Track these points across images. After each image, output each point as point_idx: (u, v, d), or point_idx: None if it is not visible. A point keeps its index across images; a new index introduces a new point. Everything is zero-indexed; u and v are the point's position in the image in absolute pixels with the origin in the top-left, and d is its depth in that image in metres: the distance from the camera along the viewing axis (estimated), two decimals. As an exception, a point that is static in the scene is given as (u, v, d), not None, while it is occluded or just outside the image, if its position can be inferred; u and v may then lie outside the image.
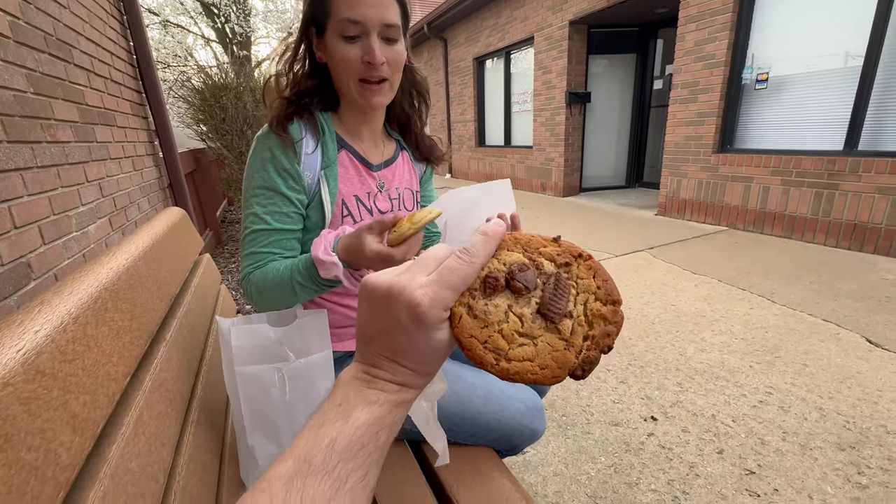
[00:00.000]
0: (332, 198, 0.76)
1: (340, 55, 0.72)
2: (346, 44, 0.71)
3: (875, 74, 2.88)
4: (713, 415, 1.47)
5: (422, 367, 0.29)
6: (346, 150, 0.81)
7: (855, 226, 3.02)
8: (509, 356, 0.28)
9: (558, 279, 0.30)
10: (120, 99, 2.11)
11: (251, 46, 9.83)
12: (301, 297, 0.70)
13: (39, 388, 0.37)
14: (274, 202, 0.73)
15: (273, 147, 0.73)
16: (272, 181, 0.73)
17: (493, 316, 0.29)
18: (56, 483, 0.34)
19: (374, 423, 0.26)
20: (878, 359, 1.73)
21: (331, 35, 0.72)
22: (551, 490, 1.22)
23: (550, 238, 0.33)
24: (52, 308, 0.45)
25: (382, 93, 0.76)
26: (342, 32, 0.70)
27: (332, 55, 0.73)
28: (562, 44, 5.53)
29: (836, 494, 1.14)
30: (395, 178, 0.88)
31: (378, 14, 0.70)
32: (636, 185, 6.40)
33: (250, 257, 0.74)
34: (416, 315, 0.26)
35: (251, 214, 0.74)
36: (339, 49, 0.72)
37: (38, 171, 1.24)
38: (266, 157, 0.73)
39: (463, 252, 0.29)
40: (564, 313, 0.29)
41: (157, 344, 0.65)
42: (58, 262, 1.27)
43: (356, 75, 0.73)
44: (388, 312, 0.27)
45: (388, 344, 0.28)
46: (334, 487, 0.24)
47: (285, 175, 0.73)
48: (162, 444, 0.52)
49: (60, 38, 1.52)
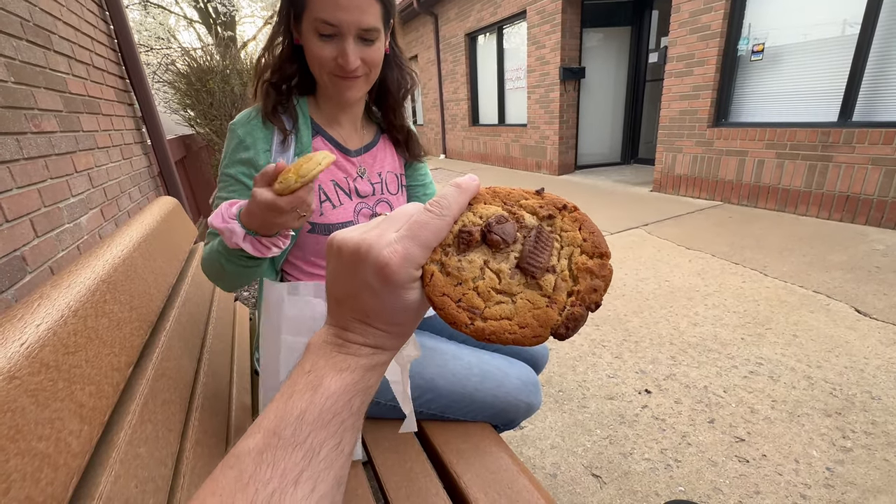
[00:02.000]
0: None
1: (314, 51, 0.70)
2: (321, 41, 0.69)
3: (871, 43, 2.85)
4: (705, 386, 1.52)
5: (395, 328, 0.28)
6: (321, 136, 0.79)
7: (847, 197, 3.03)
8: (485, 315, 0.26)
9: (540, 232, 0.28)
10: (103, 86, 2.06)
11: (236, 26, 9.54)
12: (231, 272, 0.66)
13: (45, 380, 0.38)
14: (235, 190, 0.73)
15: (240, 135, 0.73)
16: (234, 171, 0.73)
17: (467, 272, 0.27)
18: (68, 469, 0.36)
19: (346, 391, 0.25)
20: (865, 328, 1.78)
21: (306, 27, 0.70)
22: (549, 462, 1.26)
23: (533, 191, 0.30)
24: (51, 301, 0.46)
25: (357, 87, 0.74)
26: (317, 30, 0.68)
27: (305, 46, 0.71)
28: (555, 17, 5.40)
29: (820, 458, 1.19)
30: (375, 162, 0.86)
31: (354, 19, 0.67)
32: (631, 162, 6.36)
33: (209, 237, 0.73)
34: (384, 275, 0.25)
35: (217, 197, 0.75)
36: (313, 45, 0.69)
37: (26, 162, 1.22)
38: (231, 145, 0.73)
39: (433, 204, 0.26)
40: (546, 267, 0.27)
41: (158, 333, 0.66)
42: (52, 255, 1.26)
43: (329, 71, 0.72)
44: (356, 273, 0.26)
45: (358, 306, 0.27)
46: (307, 458, 0.23)
47: (248, 165, 0.73)
48: (168, 429, 0.54)
49: (38, 23, 1.47)
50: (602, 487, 1.16)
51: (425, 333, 0.90)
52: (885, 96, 2.87)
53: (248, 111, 0.76)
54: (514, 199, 0.29)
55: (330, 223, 0.78)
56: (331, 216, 0.78)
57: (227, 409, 0.78)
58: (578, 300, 0.26)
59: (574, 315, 0.26)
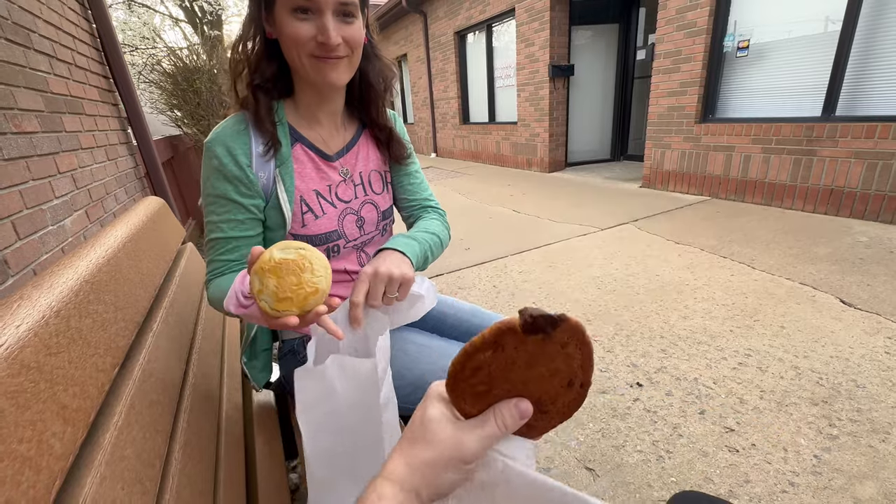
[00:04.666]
0: (289, 196, 0.73)
1: (290, 32, 0.65)
2: (297, 20, 0.65)
3: (853, 39, 2.90)
4: (695, 378, 1.54)
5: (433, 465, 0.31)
6: (300, 144, 0.76)
7: (832, 191, 3.09)
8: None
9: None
10: (86, 85, 2.02)
11: (222, 25, 9.41)
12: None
13: (26, 382, 0.37)
14: (228, 210, 0.71)
15: (220, 154, 0.69)
16: (222, 190, 0.70)
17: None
18: (51, 472, 0.35)
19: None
20: (850, 318, 1.81)
21: (280, 8, 0.65)
22: (542, 456, 1.27)
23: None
24: (31, 302, 0.45)
25: (340, 69, 0.70)
26: (291, 5, 0.64)
27: (281, 31, 0.67)
28: (543, 15, 5.42)
29: (808, 446, 1.21)
30: (358, 161, 0.83)
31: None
32: (621, 158, 6.42)
33: (210, 265, 0.73)
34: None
35: (209, 223, 0.72)
36: (288, 25, 0.65)
37: (6, 163, 1.20)
38: (214, 164, 0.70)
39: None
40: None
41: (145, 334, 0.65)
42: (35, 258, 1.24)
43: (309, 52, 0.67)
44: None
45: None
46: None
47: (236, 182, 0.70)
48: (156, 431, 0.53)
49: (16, 21, 1.44)
50: (595, 480, 1.17)
51: (415, 330, 0.89)
52: (867, 91, 2.92)
53: (221, 126, 0.72)
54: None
55: (312, 234, 0.76)
56: (313, 227, 0.76)
57: (218, 409, 0.77)
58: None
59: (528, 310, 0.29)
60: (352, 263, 0.84)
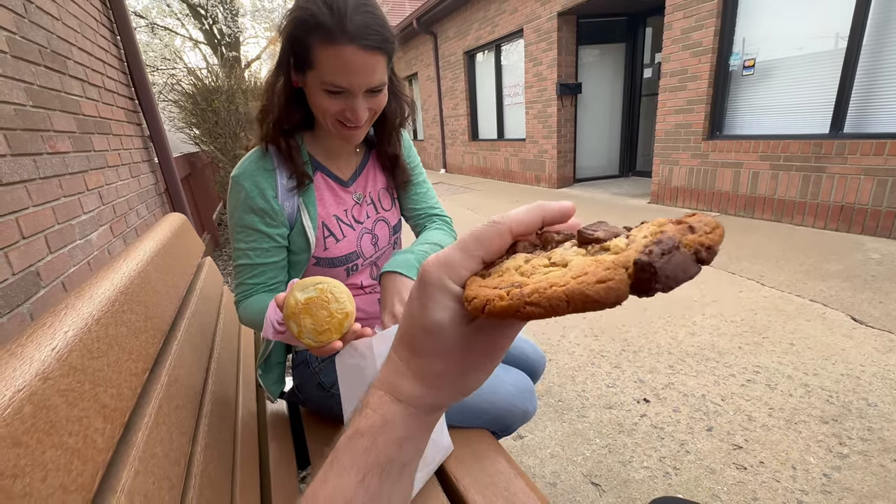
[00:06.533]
0: (313, 223, 0.79)
1: (319, 103, 0.71)
2: (327, 95, 0.69)
3: (859, 56, 2.92)
4: (703, 395, 1.53)
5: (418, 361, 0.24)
6: (320, 172, 0.82)
7: (842, 207, 3.07)
8: (526, 287, 0.19)
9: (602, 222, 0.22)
10: (114, 107, 2.13)
11: (240, 47, 9.77)
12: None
13: (74, 382, 0.41)
14: (254, 239, 0.76)
15: (248, 188, 0.75)
16: (249, 221, 0.76)
17: (507, 264, 0.22)
18: (95, 463, 0.39)
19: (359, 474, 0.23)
20: (861, 336, 1.80)
21: (312, 82, 0.70)
22: (548, 471, 1.27)
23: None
24: (76, 311, 0.49)
25: (362, 132, 0.76)
26: (325, 86, 0.68)
27: (310, 96, 0.72)
28: (551, 35, 5.54)
29: (817, 464, 1.20)
30: (368, 182, 0.88)
31: (365, 80, 0.68)
32: (629, 175, 6.44)
33: (238, 287, 0.80)
34: (419, 279, 0.22)
35: (237, 249, 0.78)
36: (318, 96, 0.70)
37: (41, 182, 1.27)
38: (241, 197, 0.75)
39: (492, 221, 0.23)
40: (613, 232, 0.20)
41: (170, 342, 0.69)
42: (65, 270, 1.31)
43: (334, 119, 0.73)
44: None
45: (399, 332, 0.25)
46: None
47: (261, 214, 0.76)
48: (181, 432, 0.57)
49: (55, 49, 1.55)
50: (601, 495, 1.17)
51: None
52: (876, 108, 2.93)
53: (248, 161, 0.77)
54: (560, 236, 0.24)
55: (334, 256, 0.82)
56: (334, 250, 0.82)
57: (234, 415, 0.81)
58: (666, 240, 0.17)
59: (660, 240, 0.17)
60: (366, 278, 0.90)
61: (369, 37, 0.65)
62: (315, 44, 0.65)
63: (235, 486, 0.67)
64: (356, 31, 0.64)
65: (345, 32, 0.64)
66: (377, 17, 0.67)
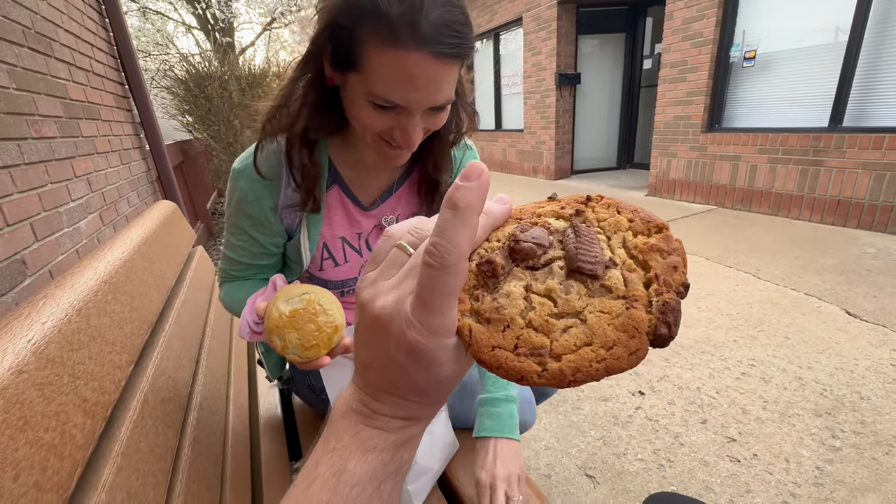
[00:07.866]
0: (311, 242, 0.69)
1: (362, 118, 0.55)
2: (375, 111, 0.53)
3: (860, 50, 2.90)
4: (698, 387, 1.54)
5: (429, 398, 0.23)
6: (337, 186, 0.69)
7: (839, 201, 3.08)
8: (555, 351, 0.20)
9: (576, 228, 0.22)
10: (103, 92, 2.08)
11: (234, 33, 9.58)
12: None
13: (51, 375, 0.39)
14: (244, 240, 0.71)
15: (245, 190, 0.66)
16: (241, 222, 0.69)
17: (510, 309, 0.21)
18: (73, 460, 0.37)
19: (375, 476, 0.22)
20: (855, 329, 1.80)
21: (355, 88, 0.53)
22: (543, 463, 1.27)
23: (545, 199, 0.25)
24: (55, 301, 0.47)
25: (407, 154, 0.61)
26: (372, 100, 0.52)
27: (348, 105, 0.57)
28: (550, 24, 5.47)
29: (810, 457, 1.21)
30: (400, 205, 0.74)
31: (429, 98, 0.52)
32: (627, 167, 6.42)
33: (221, 271, 0.77)
34: (413, 356, 0.21)
35: (226, 238, 0.74)
36: (362, 111, 0.54)
37: (26, 167, 1.24)
38: (237, 196, 0.67)
39: (429, 252, 0.20)
40: (605, 262, 0.21)
41: (158, 334, 0.67)
42: (52, 259, 1.28)
43: (378, 137, 0.57)
44: (380, 346, 0.22)
45: (386, 377, 0.23)
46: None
47: (255, 220, 0.68)
48: (167, 426, 0.56)
49: (39, 31, 1.50)
50: (596, 487, 1.18)
51: None
52: (875, 102, 2.92)
53: (250, 156, 0.65)
54: (528, 212, 0.24)
55: (328, 279, 0.73)
56: (331, 273, 0.73)
57: (225, 408, 0.79)
58: (663, 286, 0.20)
59: (669, 305, 0.20)
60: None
61: (446, 40, 0.48)
62: (368, 40, 0.48)
63: (225, 479, 0.65)
64: (431, 32, 0.47)
65: (415, 33, 0.47)
66: (460, 11, 0.50)
